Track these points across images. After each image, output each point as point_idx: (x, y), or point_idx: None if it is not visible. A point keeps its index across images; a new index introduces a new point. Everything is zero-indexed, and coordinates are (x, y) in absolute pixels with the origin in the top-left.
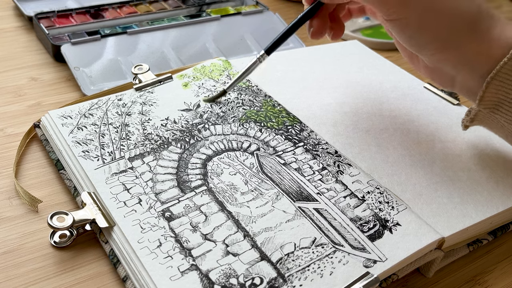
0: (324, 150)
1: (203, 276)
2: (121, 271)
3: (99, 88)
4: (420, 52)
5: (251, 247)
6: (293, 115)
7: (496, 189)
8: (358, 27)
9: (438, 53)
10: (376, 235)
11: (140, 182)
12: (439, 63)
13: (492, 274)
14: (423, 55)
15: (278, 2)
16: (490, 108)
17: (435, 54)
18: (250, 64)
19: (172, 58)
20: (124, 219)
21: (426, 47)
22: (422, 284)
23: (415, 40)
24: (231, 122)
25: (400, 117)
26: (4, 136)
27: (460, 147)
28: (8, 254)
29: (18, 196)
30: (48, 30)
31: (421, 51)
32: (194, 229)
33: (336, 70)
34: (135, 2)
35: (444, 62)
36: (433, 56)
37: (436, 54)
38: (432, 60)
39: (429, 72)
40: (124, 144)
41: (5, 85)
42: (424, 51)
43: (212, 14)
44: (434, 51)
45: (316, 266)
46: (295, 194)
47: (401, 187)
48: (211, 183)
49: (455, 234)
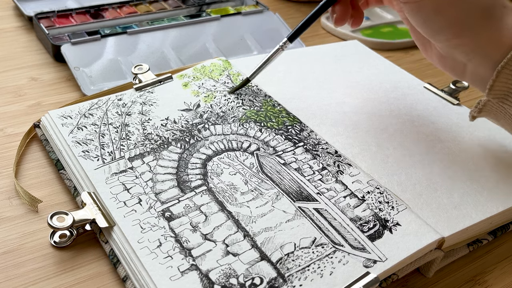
0: (324, 150)
1: (203, 276)
2: (121, 271)
3: (99, 88)
4: (434, 37)
5: (251, 247)
6: (293, 115)
7: (496, 189)
8: (358, 27)
9: (453, 39)
10: (376, 235)
11: (140, 182)
12: (452, 49)
13: (492, 274)
14: (437, 41)
15: (278, 2)
16: (500, 98)
17: (449, 40)
18: (273, 52)
19: (172, 58)
20: (124, 219)
21: (441, 31)
22: (422, 284)
23: (430, 24)
24: (231, 122)
25: (400, 117)
26: (4, 136)
27: (460, 147)
28: (8, 254)
29: (18, 196)
30: (48, 30)
31: (435, 36)
32: (194, 229)
33: (336, 70)
34: (135, 2)
35: (457, 48)
36: (448, 41)
37: (450, 40)
38: (446, 46)
39: (441, 60)
40: (124, 144)
41: (5, 85)
42: (439, 36)
43: (212, 14)
44: (449, 36)
45: (316, 266)
46: (295, 194)
47: (401, 187)
48: (211, 183)
49: (455, 234)
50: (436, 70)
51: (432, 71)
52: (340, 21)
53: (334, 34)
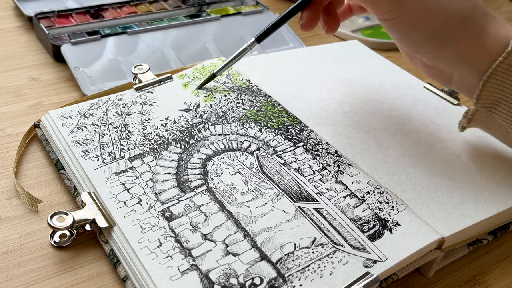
0: (324, 150)
1: (203, 276)
2: (121, 271)
3: (99, 88)
4: (416, 50)
5: (251, 247)
6: (293, 115)
7: (496, 189)
8: (358, 27)
9: (434, 51)
10: (376, 235)
11: (140, 182)
12: (435, 60)
13: (492, 274)
14: (419, 53)
15: (278, 2)
16: (488, 107)
17: (431, 52)
18: (240, 50)
19: (172, 58)
20: (124, 219)
21: (421, 44)
22: (422, 284)
23: (409, 38)
24: (231, 122)
25: (400, 117)
26: (4, 136)
27: (460, 147)
28: (8, 254)
29: (18, 196)
30: (48, 30)
31: (417, 49)
32: (194, 229)
33: (336, 70)
34: (135, 2)
35: (440, 59)
36: (430, 53)
37: (432, 52)
38: (429, 58)
39: (427, 70)
40: (124, 144)
41: (5, 85)
42: (420, 49)
43: (212, 14)
44: (430, 49)
45: (316, 266)
46: (295, 194)
47: (401, 187)
48: (211, 183)
49: (455, 234)
50: None
51: None
52: (306, 27)
53: (334, 34)
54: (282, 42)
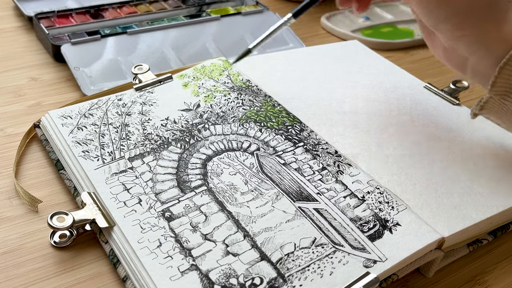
0: (324, 150)
1: (203, 276)
2: (121, 271)
3: (99, 88)
4: (438, 27)
5: (251, 247)
6: (293, 115)
7: (496, 189)
8: (358, 27)
9: (456, 30)
10: (376, 235)
11: (140, 182)
12: (455, 41)
13: (492, 274)
14: (440, 31)
15: (278, 2)
16: (501, 95)
17: (452, 31)
18: (277, 26)
19: (172, 58)
20: (124, 219)
21: (444, 21)
22: (422, 284)
23: (434, 14)
24: (231, 122)
25: (400, 117)
26: (4, 136)
27: (460, 147)
28: (8, 254)
29: (18, 196)
30: (48, 30)
31: (439, 26)
32: (194, 229)
33: (336, 70)
34: (135, 2)
35: (460, 40)
36: (450, 32)
37: (453, 31)
38: (449, 37)
39: (445, 54)
40: (124, 144)
41: (5, 85)
42: (442, 26)
43: (212, 14)
44: (452, 27)
45: (316, 266)
46: (295, 194)
47: (401, 187)
48: (211, 183)
49: (455, 234)
50: (436, 70)
51: (432, 71)
52: (345, 2)
53: (334, 34)
54: (282, 42)
